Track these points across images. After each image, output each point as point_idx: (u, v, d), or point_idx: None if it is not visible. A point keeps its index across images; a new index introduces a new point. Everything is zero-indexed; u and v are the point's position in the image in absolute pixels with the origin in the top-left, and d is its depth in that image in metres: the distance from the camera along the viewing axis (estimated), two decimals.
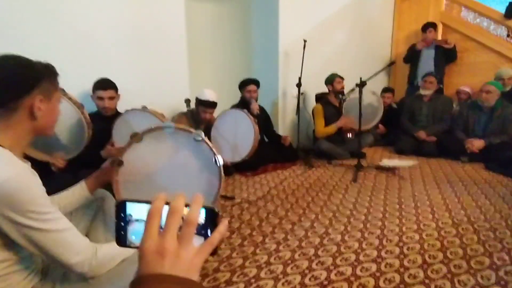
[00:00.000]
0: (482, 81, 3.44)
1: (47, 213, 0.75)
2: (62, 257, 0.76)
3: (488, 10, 4.35)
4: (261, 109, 3.30)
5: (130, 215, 0.43)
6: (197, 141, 1.04)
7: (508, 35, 4.23)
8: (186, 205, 0.40)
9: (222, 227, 0.42)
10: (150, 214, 0.39)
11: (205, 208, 0.42)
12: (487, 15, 4.35)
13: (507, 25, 4.17)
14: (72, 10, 2.39)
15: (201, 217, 0.42)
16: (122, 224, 0.43)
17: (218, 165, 1.02)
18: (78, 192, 1.12)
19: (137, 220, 0.43)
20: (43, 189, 0.78)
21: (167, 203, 0.40)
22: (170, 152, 1.08)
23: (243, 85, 3.24)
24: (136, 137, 1.06)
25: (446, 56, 4.35)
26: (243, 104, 3.20)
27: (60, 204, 1.07)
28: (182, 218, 0.39)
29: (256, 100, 3.24)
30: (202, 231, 0.42)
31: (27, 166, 0.78)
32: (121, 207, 0.43)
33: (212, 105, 2.61)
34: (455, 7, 4.67)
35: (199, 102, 2.61)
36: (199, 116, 2.63)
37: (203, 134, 1.04)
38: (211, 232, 0.41)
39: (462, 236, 1.58)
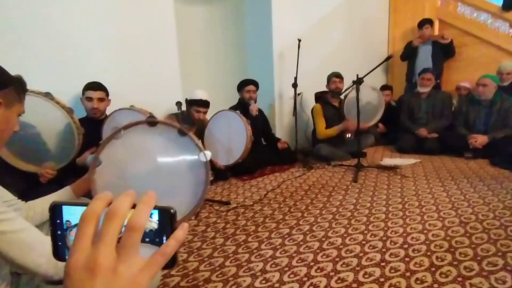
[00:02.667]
0: None
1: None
2: (22, 260, 0.68)
3: (485, 3, 4.28)
4: (260, 111, 3.23)
5: (68, 221, 0.34)
6: (182, 136, 0.95)
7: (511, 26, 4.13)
8: (134, 206, 0.32)
9: (180, 232, 0.32)
10: (82, 219, 0.30)
11: (158, 209, 0.33)
12: (484, 9, 4.29)
13: (505, 17, 4.10)
14: (61, 16, 2.33)
15: (154, 221, 0.33)
16: (59, 232, 0.34)
17: (205, 160, 0.93)
18: (63, 196, 1.04)
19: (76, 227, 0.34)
20: None
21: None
22: (154, 148, 0.99)
23: (242, 85, 3.17)
24: (115, 133, 0.97)
25: (444, 51, 4.28)
26: (242, 105, 3.13)
27: (43, 207, 0.99)
28: None
29: (255, 102, 3.16)
30: (156, 238, 0.32)
31: None
32: (56, 211, 0.34)
33: (205, 103, 2.60)
34: (451, 3, 4.61)
35: (192, 102, 2.56)
36: (191, 117, 2.57)
37: (187, 129, 0.96)
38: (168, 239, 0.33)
39: (471, 236, 1.48)
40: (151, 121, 0.97)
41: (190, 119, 2.66)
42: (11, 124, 0.82)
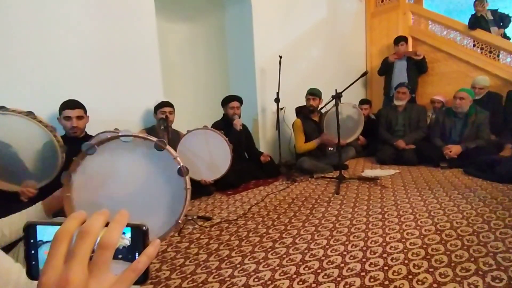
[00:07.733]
0: (455, 89, 3.54)
1: None
2: None
3: (453, 22, 4.57)
4: (243, 126, 3.28)
5: (42, 241, 0.35)
6: (159, 150, 0.95)
7: (474, 45, 4.43)
8: (108, 225, 0.33)
9: (151, 248, 0.34)
10: (55, 238, 0.31)
11: (130, 227, 0.35)
12: (452, 27, 4.56)
13: (472, 35, 4.37)
14: (42, 33, 2.32)
15: (127, 238, 0.35)
16: (33, 252, 0.35)
17: (183, 175, 0.93)
18: (33, 214, 0.98)
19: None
20: None
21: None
22: (130, 163, 0.98)
23: (226, 101, 3.22)
24: (89, 148, 0.96)
25: (417, 67, 4.49)
26: (226, 120, 3.17)
27: (12, 229, 0.92)
28: None
29: (239, 117, 3.21)
30: (128, 255, 0.34)
31: None
32: (30, 231, 0.35)
33: (167, 103, 2.74)
34: (422, 21, 4.89)
35: (157, 108, 2.72)
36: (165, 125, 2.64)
37: (165, 142, 0.95)
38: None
39: (446, 243, 1.54)
40: (126, 135, 0.96)
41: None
42: None
